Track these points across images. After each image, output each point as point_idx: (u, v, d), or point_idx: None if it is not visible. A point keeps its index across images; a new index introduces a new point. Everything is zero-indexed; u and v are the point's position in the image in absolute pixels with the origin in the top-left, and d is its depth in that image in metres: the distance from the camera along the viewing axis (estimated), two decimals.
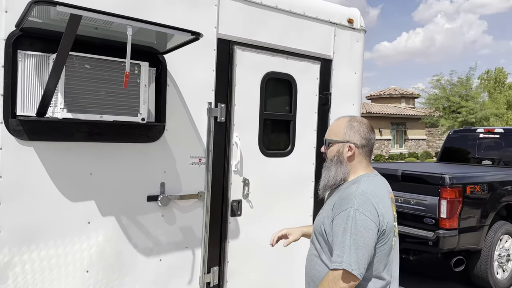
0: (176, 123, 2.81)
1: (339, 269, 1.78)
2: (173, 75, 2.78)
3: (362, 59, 3.84)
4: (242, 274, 3.19)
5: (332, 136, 2.06)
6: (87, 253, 2.54)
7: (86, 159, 2.50)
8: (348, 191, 1.93)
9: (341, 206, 1.88)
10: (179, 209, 2.86)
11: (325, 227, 1.94)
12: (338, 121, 2.10)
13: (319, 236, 1.98)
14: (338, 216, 1.87)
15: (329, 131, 2.11)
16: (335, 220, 1.88)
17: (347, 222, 1.82)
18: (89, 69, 2.27)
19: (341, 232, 1.82)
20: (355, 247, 1.78)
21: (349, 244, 1.79)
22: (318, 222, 2.02)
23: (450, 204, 5.15)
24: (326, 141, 2.08)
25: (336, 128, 2.06)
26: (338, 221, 1.86)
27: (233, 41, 3.05)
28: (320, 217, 2.03)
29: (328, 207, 1.99)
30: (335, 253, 1.82)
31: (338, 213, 1.87)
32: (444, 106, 25.58)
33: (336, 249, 1.82)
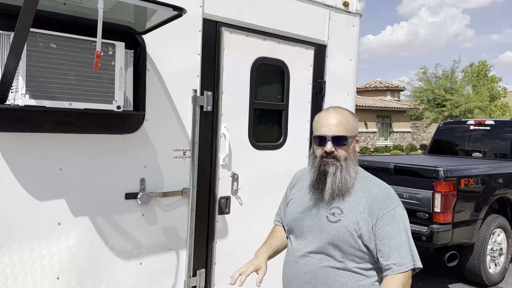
0: (157, 112, 2.53)
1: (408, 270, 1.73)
2: (153, 59, 2.49)
3: (358, 45, 3.61)
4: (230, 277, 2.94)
5: (348, 132, 1.82)
6: (57, 258, 2.26)
7: (54, 153, 2.21)
8: (377, 188, 1.82)
9: (384, 205, 1.78)
10: (162, 207, 2.59)
11: (361, 232, 1.76)
12: (342, 114, 1.86)
13: (343, 245, 1.77)
14: (386, 216, 1.76)
15: (340, 127, 1.81)
16: (382, 221, 1.76)
17: (402, 221, 1.77)
18: (56, 49, 1.98)
19: (398, 232, 1.75)
20: (413, 243, 1.78)
21: (412, 242, 1.77)
22: (339, 229, 1.77)
23: (445, 197, 4.99)
24: (346, 137, 1.81)
25: (346, 122, 1.83)
26: (388, 221, 1.76)
27: (220, 22, 2.77)
28: (342, 223, 1.77)
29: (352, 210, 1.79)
30: (398, 254, 1.73)
31: (385, 213, 1.77)
32: (429, 99, 25.71)
33: (398, 250, 1.73)
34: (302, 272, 1.85)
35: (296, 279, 1.87)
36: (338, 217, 1.79)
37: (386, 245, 1.73)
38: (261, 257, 1.97)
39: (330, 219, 1.80)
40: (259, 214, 3.07)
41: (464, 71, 28.38)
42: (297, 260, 1.88)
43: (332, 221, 1.79)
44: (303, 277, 1.84)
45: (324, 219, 1.82)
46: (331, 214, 1.81)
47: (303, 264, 1.85)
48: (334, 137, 1.80)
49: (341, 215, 1.79)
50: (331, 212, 1.81)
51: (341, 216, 1.79)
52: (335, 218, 1.79)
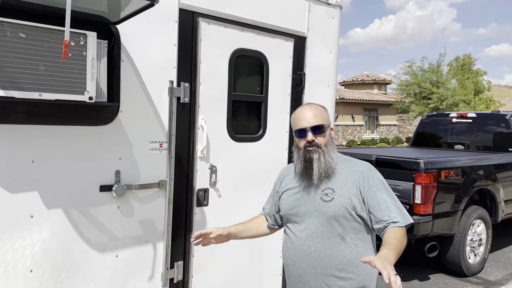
0: (132, 103, 2.50)
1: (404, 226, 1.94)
2: (128, 50, 2.46)
3: (338, 37, 3.60)
4: (209, 268, 2.94)
5: (324, 121, 2.08)
6: (30, 251, 2.23)
7: (26, 145, 2.18)
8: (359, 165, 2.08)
9: (369, 178, 2.02)
10: (138, 199, 2.57)
11: (354, 204, 1.99)
12: (315, 107, 2.12)
13: (341, 219, 1.99)
14: (373, 186, 2.00)
15: (317, 118, 2.07)
16: (370, 191, 1.99)
17: (385, 187, 2.02)
18: (25, 39, 1.94)
19: (386, 197, 1.99)
20: (399, 203, 2.02)
21: (399, 202, 2.02)
22: (335, 206, 1.99)
23: (425, 189, 5.06)
24: (323, 126, 2.07)
25: (320, 113, 2.10)
26: (375, 190, 1.99)
27: (197, 13, 2.74)
28: (336, 200, 1.99)
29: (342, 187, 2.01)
30: (391, 215, 1.95)
31: (371, 184, 2.00)
32: (415, 92, 25.92)
33: (389, 212, 1.95)
34: (307, 252, 2.03)
35: (302, 260, 2.05)
36: (332, 196, 2.01)
37: (378, 211, 1.97)
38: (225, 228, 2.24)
39: (324, 199, 2.01)
40: (238, 206, 3.07)
41: (449, 64, 28.66)
42: (300, 243, 2.06)
43: (327, 201, 2.00)
44: (309, 256, 2.02)
45: (318, 200, 2.02)
46: (324, 195, 2.02)
47: (307, 245, 2.03)
48: (313, 127, 2.05)
49: (334, 194, 2.01)
50: (324, 193, 2.03)
51: (334, 195, 2.00)
52: (329, 197, 2.01)
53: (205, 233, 2.16)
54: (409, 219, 1.99)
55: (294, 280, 2.11)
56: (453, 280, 5.54)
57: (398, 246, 1.84)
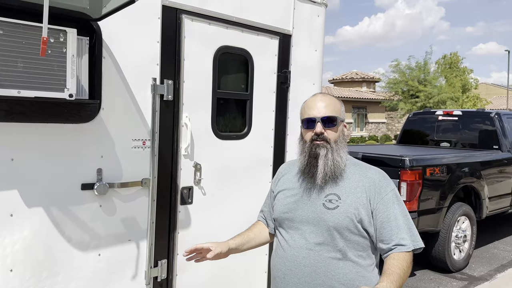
0: (114, 101, 2.48)
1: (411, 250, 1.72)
2: (110, 47, 2.43)
3: (323, 35, 3.61)
4: (193, 266, 2.91)
5: (337, 114, 1.83)
6: (10, 250, 2.20)
7: (5, 142, 2.15)
8: (372, 172, 1.83)
9: (382, 188, 1.77)
10: (120, 198, 2.55)
11: (361, 217, 1.73)
12: (329, 96, 1.88)
13: (345, 232, 1.73)
14: (385, 199, 1.76)
15: (329, 108, 1.81)
16: (382, 204, 1.75)
17: (400, 203, 1.78)
18: (2, 35, 1.90)
19: (397, 214, 1.74)
20: (412, 223, 1.79)
21: (411, 222, 1.78)
22: (339, 216, 1.73)
23: (410, 186, 5.10)
24: (336, 118, 1.81)
25: (334, 104, 1.84)
26: (387, 204, 1.75)
27: (180, 10, 2.72)
28: (341, 209, 1.73)
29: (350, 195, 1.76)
30: (400, 236, 1.71)
31: (383, 196, 1.76)
32: (403, 90, 26.14)
33: (399, 231, 1.72)
34: (300, 265, 1.77)
35: (293, 273, 1.79)
36: (336, 203, 1.74)
37: (387, 228, 1.72)
38: (224, 242, 1.97)
39: (328, 206, 1.75)
40: (223, 204, 3.07)
41: (437, 62, 28.95)
42: (294, 254, 1.80)
43: (330, 208, 1.74)
44: (302, 270, 1.77)
45: (320, 206, 1.77)
46: (327, 201, 1.76)
47: (301, 257, 1.78)
48: (324, 118, 1.80)
49: (339, 201, 1.74)
50: (327, 199, 1.76)
51: (339, 202, 1.74)
52: (333, 204, 1.74)
53: (200, 248, 1.90)
54: (420, 243, 1.74)
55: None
56: (438, 276, 5.61)
57: (401, 277, 1.61)
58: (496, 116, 7.13)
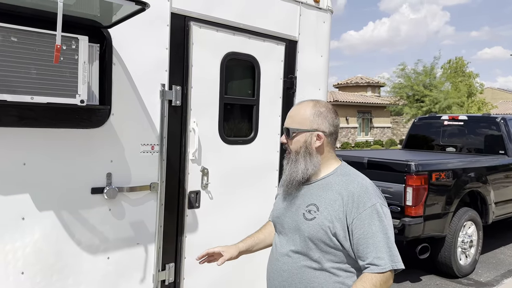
0: (124, 106, 2.52)
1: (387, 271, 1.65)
2: (120, 53, 2.48)
3: (329, 41, 3.65)
4: (200, 270, 2.96)
5: (297, 125, 1.81)
6: (21, 253, 2.24)
7: (18, 147, 2.19)
8: (354, 185, 1.75)
9: (360, 203, 1.70)
10: (129, 202, 2.59)
11: (335, 231, 1.70)
12: (301, 106, 1.86)
13: (320, 243, 1.73)
14: (363, 215, 1.68)
15: (291, 119, 1.85)
16: (359, 220, 1.68)
17: (380, 219, 1.68)
18: (17, 43, 1.96)
19: (375, 232, 1.66)
20: (393, 242, 1.69)
21: (392, 241, 1.68)
22: (314, 227, 1.73)
23: (416, 191, 5.11)
24: (290, 130, 1.83)
25: (301, 115, 1.82)
26: (366, 220, 1.68)
27: (189, 17, 2.77)
28: (317, 221, 1.73)
29: (328, 207, 1.74)
30: (375, 255, 1.65)
31: (361, 212, 1.69)
32: (408, 95, 26.10)
33: (376, 250, 1.65)
34: (280, 270, 1.83)
35: (275, 277, 1.86)
36: (314, 214, 1.75)
37: (363, 245, 1.67)
38: (234, 245, 2.03)
39: (306, 216, 1.77)
40: (230, 208, 3.10)
41: (442, 67, 28.89)
42: (277, 258, 1.87)
43: (308, 219, 1.76)
44: (281, 275, 1.83)
45: (301, 216, 1.79)
46: (307, 211, 1.78)
47: (282, 262, 1.84)
48: (285, 129, 1.86)
49: (317, 213, 1.75)
50: (307, 209, 1.78)
51: (317, 214, 1.75)
52: (311, 215, 1.76)
53: (212, 252, 1.97)
54: (399, 264, 1.66)
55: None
56: (445, 281, 5.59)
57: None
58: (502, 121, 7.12)
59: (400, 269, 1.67)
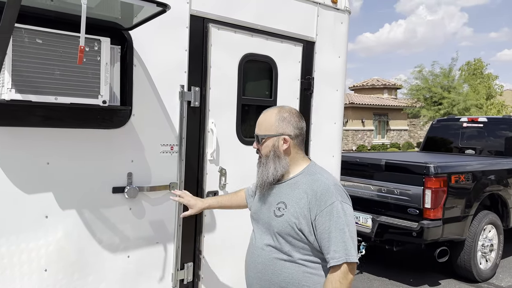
0: (144, 107, 2.56)
1: (345, 263, 1.80)
2: (140, 55, 2.52)
3: (347, 42, 3.64)
4: (219, 270, 2.98)
5: (264, 131, 2.00)
6: (44, 251, 2.29)
7: (42, 147, 2.24)
8: (317, 184, 1.91)
9: (321, 201, 1.86)
10: (149, 201, 2.62)
11: (301, 226, 1.87)
12: (267, 114, 2.03)
13: (288, 237, 1.90)
14: (324, 212, 1.84)
15: (259, 126, 2.03)
16: (321, 216, 1.85)
17: (339, 216, 1.84)
18: (41, 45, 2.01)
19: (334, 227, 1.83)
20: (351, 238, 1.84)
21: (348, 236, 1.82)
22: (282, 223, 1.91)
23: (435, 194, 5.04)
24: (259, 137, 2.01)
25: (266, 122, 2.00)
26: (326, 217, 1.84)
27: (207, 19, 2.80)
28: (285, 218, 1.91)
29: (294, 205, 1.91)
30: (333, 248, 1.82)
31: (322, 209, 1.85)
32: (426, 97, 25.76)
33: (333, 244, 1.82)
34: (255, 262, 2.01)
35: (251, 268, 2.04)
36: (282, 211, 1.93)
37: (325, 239, 1.83)
38: (201, 200, 2.47)
39: (276, 213, 1.95)
40: (247, 208, 3.10)
41: (460, 69, 28.45)
42: (253, 251, 2.05)
43: (278, 216, 1.94)
44: (256, 267, 2.00)
45: (272, 213, 1.97)
46: (277, 208, 1.95)
47: (257, 255, 2.01)
48: (255, 136, 2.03)
49: (285, 210, 1.92)
50: (277, 206, 1.96)
51: (285, 211, 1.92)
52: (280, 212, 1.93)
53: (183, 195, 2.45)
54: (352, 257, 1.80)
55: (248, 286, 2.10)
56: (464, 286, 5.50)
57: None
58: None
59: (355, 263, 1.83)
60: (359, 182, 5.69)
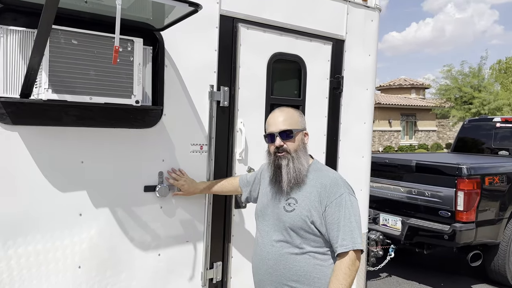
0: (175, 107, 2.58)
1: (352, 251, 1.91)
2: (171, 55, 2.54)
3: (377, 40, 3.58)
4: (247, 270, 2.96)
5: (294, 126, 2.07)
6: (78, 248, 2.34)
7: (76, 146, 2.29)
8: (326, 179, 2.02)
9: (331, 193, 1.98)
10: (179, 200, 2.64)
11: (313, 219, 1.97)
12: (287, 111, 2.12)
13: (300, 231, 1.99)
14: (333, 203, 1.96)
15: (286, 122, 2.07)
16: (330, 207, 1.96)
17: (347, 206, 1.96)
18: (77, 45, 2.05)
19: (342, 217, 1.94)
20: (357, 227, 1.96)
21: (355, 226, 1.94)
22: (294, 218, 1.99)
23: (468, 196, 4.90)
24: (293, 131, 2.06)
25: (294, 117, 2.10)
26: (336, 208, 1.96)
27: (237, 19, 2.80)
28: (296, 212, 1.99)
29: (305, 199, 2.00)
30: (341, 237, 1.92)
31: (332, 200, 1.97)
32: (456, 96, 25.10)
33: (342, 233, 1.93)
34: (265, 258, 2.06)
35: (261, 265, 2.09)
36: (293, 206, 2.01)
37: (334, 229, 1.95)
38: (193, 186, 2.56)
39: (287, 209, 2.03)
40: None
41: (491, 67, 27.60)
42: (261, 249, 2.11)
43: (288, 211, 2.02)
44: (267, 263, 2.06)
45: (281, 209, 2.05)
46: (287, 204, 2.04)
47: (266, 251, 2.07)
48: (281, 132, 2.05)
49: (296, 205, 2.01)
50: (287, 202, 2.04)
51: (296, 206, 2.01)
52: (291, 207, 2.02)
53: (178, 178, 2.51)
54: (357, 245, 1.91)
55: (256, 284, 2.17)
56: None
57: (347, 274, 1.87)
58: None
59: (360, 250, 1.94)
60: (388, 183, 5.59)
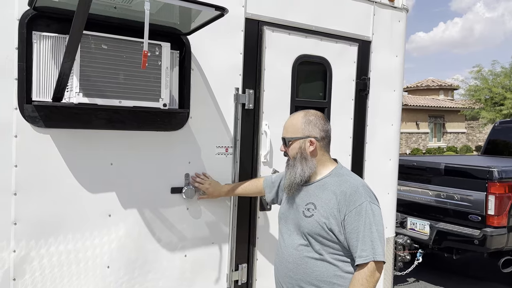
0: (201, 110, 2.61)
1: (372, 262, 1.85)
2: (197, 59, 2.58)
3: (404, 41, 3.52)
4: (271, 272, 2.96)
5: (291, 134, 2.09)
6: (107, 248, 2.40)
7: (106, 148, 2.35)
8: (346, 186, 1.98)
9: (351, 202, 1.93)
10: (205, 202, 2.67)
11: (331, 226, 1.95)
12: (292, 118, 2.14)
13: (318, 237, 1.98)
14: (353, 212, 1.92)
15: (285, 129, 2.13)
16: (350, 216, 1.92)
17: (367, 215, 1.91)
18: (106, 50, 2.10)
19: (362, 227, 1.89)
20: (379, 237, 1.90)
21: (376, 236, 1.89)
22: (312, 223, 1.98)
23: (499, 200, 4.76)
24: (286, 139, 2.10)
25: (292, 125, 2.10)
26: (355, 217, 1.91)
27: (262, 21, 2.81)
28: (314, 218, 1.98)
29: (324, 205, 1.98)
30: (360, 247, 1.88)
31: (351, 209, 1.92)
32: (486, 97, 24.38)
33: (361, 243, 1.88)
34: (286, 261, 2.08)
35: (282, 267, 2.11)
36: (312, 212, 2.00)
37: (353, 238, 1.90)
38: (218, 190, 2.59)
39: (306, 214, 2.02)
40: None
41: None
42: (283, 251, 2.12)
43: (307, 216, 2.01)
44: (287, 266, 2.07)
45: (301, 214, 2.05)
46: (306, 209, 2.03)
47: (287, 254, 2.08)
48: (282, 139, 2.14)
49: (315, 211, 2.00)
50: (306, 207, 2.04)
51: (314, 212, 2.00)
52: (310, 213, 2.01)
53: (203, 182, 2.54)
54: (379, 256, 1.86)
55: (276, 285, 2.21)
56: None
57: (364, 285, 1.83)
58: None
59: (381, 262, 1.88)
60: (416, 186, 5.48)
